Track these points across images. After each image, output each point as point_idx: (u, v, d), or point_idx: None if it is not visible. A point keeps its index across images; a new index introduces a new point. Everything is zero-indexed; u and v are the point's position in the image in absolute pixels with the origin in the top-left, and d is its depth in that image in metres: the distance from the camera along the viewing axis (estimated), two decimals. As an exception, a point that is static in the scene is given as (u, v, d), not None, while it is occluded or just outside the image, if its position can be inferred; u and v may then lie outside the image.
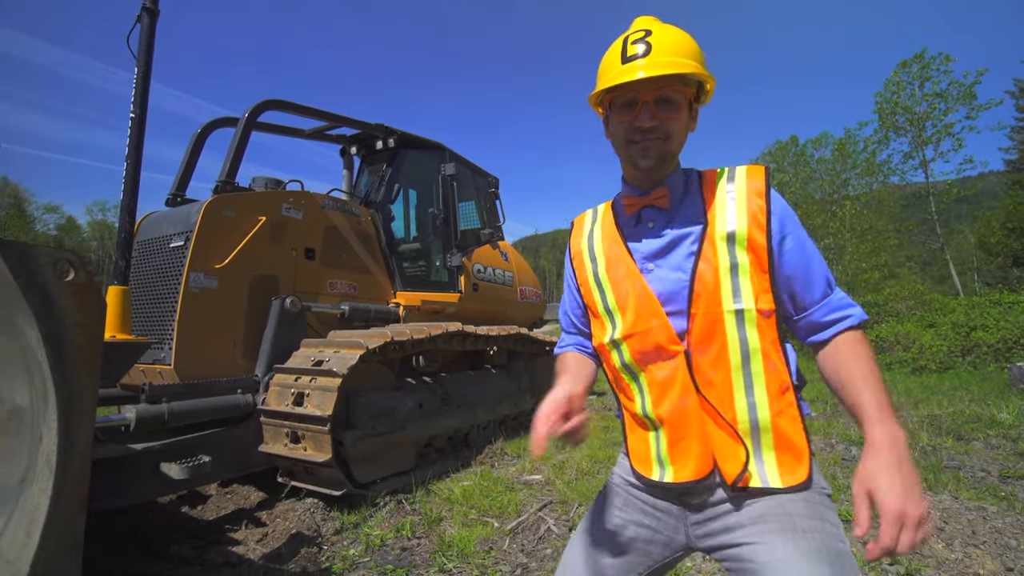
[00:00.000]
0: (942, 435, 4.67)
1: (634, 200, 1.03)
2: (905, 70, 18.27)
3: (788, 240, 0.96)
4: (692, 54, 0.95)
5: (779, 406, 0.92)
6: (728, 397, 0.93)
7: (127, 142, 2.30)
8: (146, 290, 3.28)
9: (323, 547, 2.65)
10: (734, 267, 0.93)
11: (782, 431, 0.92)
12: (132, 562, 2.49)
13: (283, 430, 3.05)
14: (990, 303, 12.44)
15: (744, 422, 0.92)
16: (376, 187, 4.92)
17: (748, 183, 0.97)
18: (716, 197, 0.98)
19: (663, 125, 0.95)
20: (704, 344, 0.94)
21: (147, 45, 2.43)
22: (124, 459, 2.50)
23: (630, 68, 0.93)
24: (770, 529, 0.87)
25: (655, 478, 0.99)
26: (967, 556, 2.37)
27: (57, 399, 1.13)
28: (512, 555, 2.53)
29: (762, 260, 0.93)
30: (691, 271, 0.95)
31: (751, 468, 0.91)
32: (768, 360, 0.93)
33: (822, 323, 0.96)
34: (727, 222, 0.95)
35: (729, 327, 0.92)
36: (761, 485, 0.90)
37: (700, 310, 0.94)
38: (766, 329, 0.93)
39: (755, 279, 0.93)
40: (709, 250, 0.95)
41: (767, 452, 0.92)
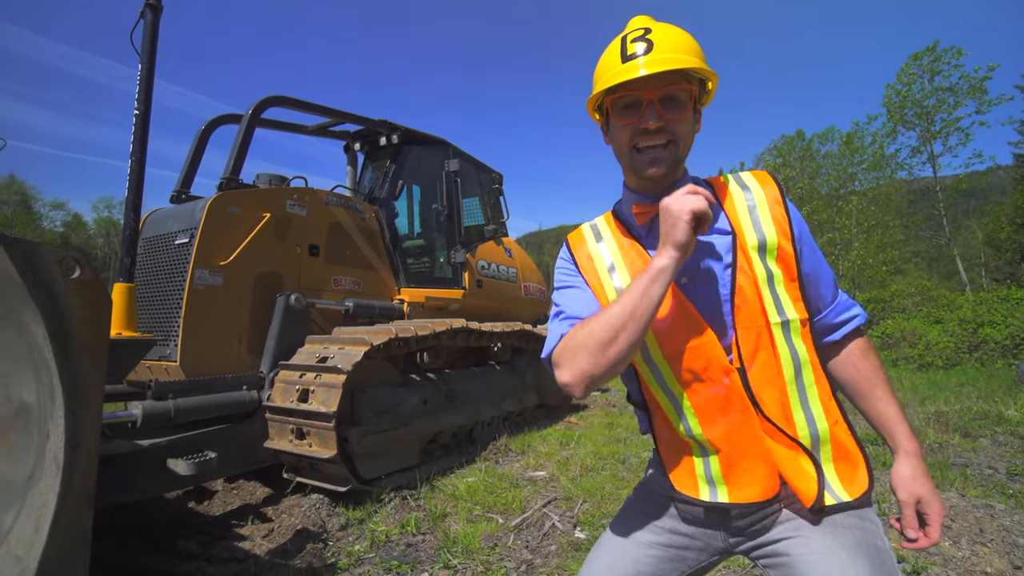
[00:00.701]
0: (949, 432, 4.64)
1: (646, 208, 0.96)
2: (917, 63, 18.08)
3: (808, 242, 0.96)
4: (693, 50, 0.91)
5: (834, 416, 0.90)
6: (787, 412, 0.89)
7: (131, 139, 2.30)
8: (151, 287, 3.29)
9: (328, 543, 2.67)
10: (770, 277, 0.91)
11: (839, 441, 0.89)
12: (139, 557, 2.51)
13: (288, 426, 3.07)
14: (998, 299, 12.33)
15: (805, 438, 0.88)
16: (380, 183, 4.92)
17: (765, 191, 0.95)
18: (736, 205, 0.95)
19: (670, 127, 0.90)
20: (752, 359, 0.90)
21: (151, 41, 2.43)
22: (131, 455, 2.51)
23: (631, 66, 0.88)
24: (806, 524, 0.88)
25: (705, 499, 0.93)
26: (974, 554, 2.36)
27: (64, 396, 1.14)
28: (517, 552, 2.53)
29: (791, 269, 0.92)
30: (730, 284, 0.90)
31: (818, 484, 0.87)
32: (816, 370, 0.91)
33: (834, 324, 0.98)
34: (756, 232, 0.92)
35: (778, 340, 0.89)
36: (834, 501, 0.87)
37: (743, 324, 0.90)
38: (809, 339, 0.92)
39: (788, 289, 0.91)
40: (744, 262, 0.91)
41: (827, 465, 0.89)
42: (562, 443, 4.58)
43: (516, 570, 2.36)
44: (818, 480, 0.86)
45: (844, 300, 0.99)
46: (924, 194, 19.63)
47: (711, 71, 0.92)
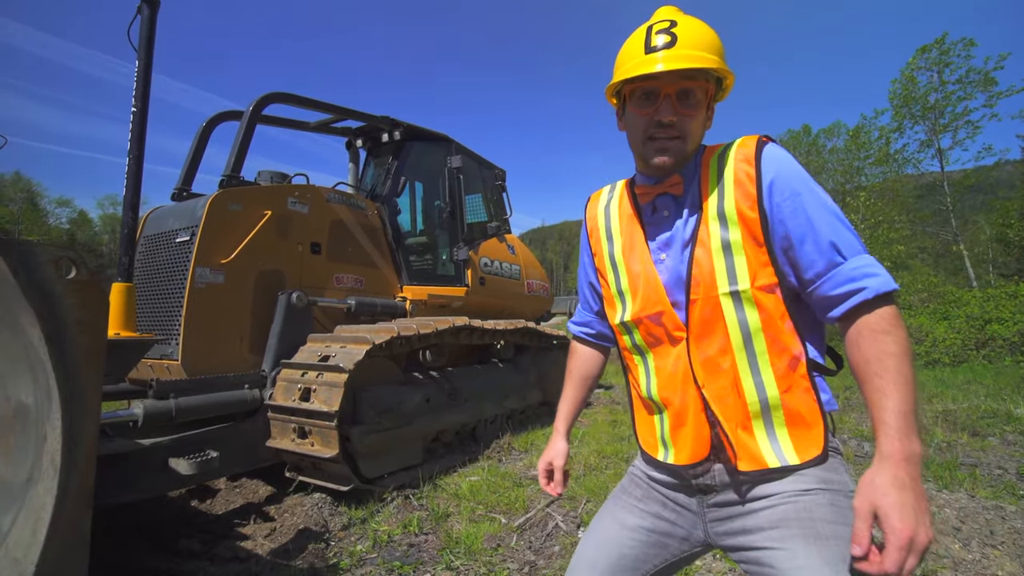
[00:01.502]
0: (957, 431, 4.59)
1: (648, 189, 1.02)
2: (924, 56, 17.84)
3: (786, 202, 0.87)
4: (715, 48, 0.93)
5: (787, 382, 0.89)
6: (736, 381, 0.91)
7: (129, 136, 2.27)
8: (152, 285, 3.28)
9: (330, 543, 2.65)
10: (726, 247, 0.90)
11: (792, 407, 0.89)
12: (140, 556, 2.50)
13: (290, 425, 3.05)
14: (1006, 295, 12.21)
15: (754, 403, 0.90)
16: (382, 180, 4.89)
17: (737, 152, 0.93)
18: (709, 177, 0.96)
19: (682, 122, 0.93)
20: (705, 331, 0.92)
21: (148, 37, 2.40)
22: (132, 454, 2.50)
23: (653, 59, 0.91)
24: (792, 535, 0.84)
25: (660, 458, 1.01)
26: (985, 557, 2.32)
27: (60, 398, 1.12)
28: (520, 552, 2.51)
29: (755, 232, 0.89)
30: (688, 258, 0.94)
31: (763, 446, 0.89)
32: (771, 337, 0.89)
33: (832, 297, 0.85)
34: (717, 201, 0.92)
35: (727, 310, 0.90)
36: (779, 463, 0.88)
37: (700, 296, 0.92)
38: (769, 305, 0.89)
39: (751, 255, 0.89)
40: (704, 233, 0.93)
41: (779, 429, 0.90)
42: (566, 441, 4.55)
43: (519, 572, 2.34)
44: (758, 445, 0.89)
45: (850, 269, 0.83)
46: (931, 189, 19.43)
47: (729, 71, 0.94)
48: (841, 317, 0.85)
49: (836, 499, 0.86)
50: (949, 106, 17.40)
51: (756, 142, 0.93)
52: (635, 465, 1.13)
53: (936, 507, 2.82)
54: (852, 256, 0.85)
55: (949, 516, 2.70)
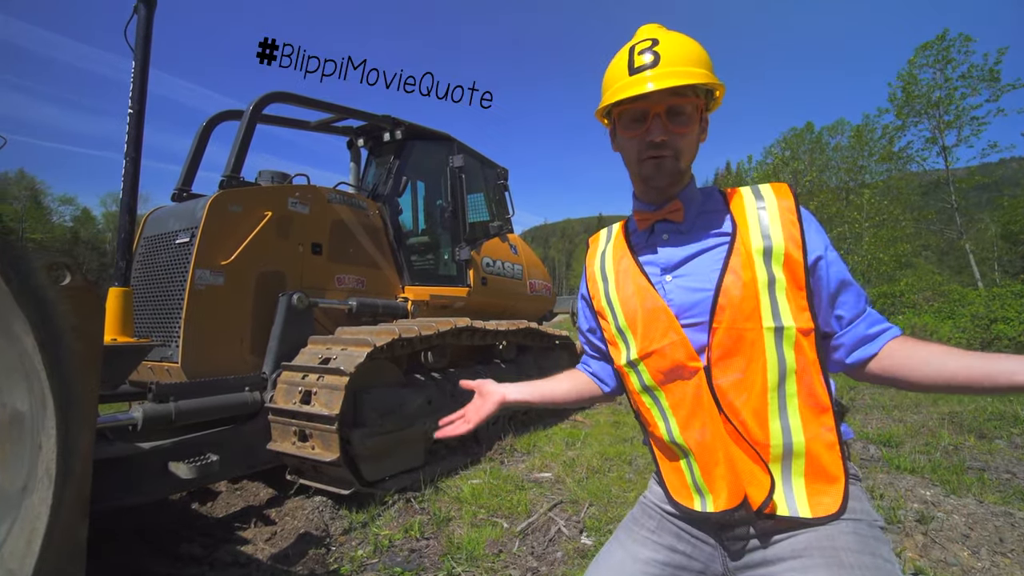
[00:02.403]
0: (964, 433, 4.54)
1: (647, 215, 1.01)
2: (925, 53, 17.69)
3: (828, 253, 0.91)
4: (701, 61, 0.92)
5: (814, 430, 0.86)
6: (762, 418, 0.87)
7: (126, 138, 2.24)
8: (152, 287, 3.25)
9: (331, 547, 2.63)
10: (772, 282, 0.88)
11: (815, 456, 0.86)
12: (141, 560, 2.49)
13: (291, 428, 3.03)
14: (1012, 294, 12.09)
15: (777, 446, 0.87)
16: (384, 180, 4.85)
17: (779, 201, 0.93)
18: (746, 211, 0.94)
19: (673, 141, 0.92)
20: (727, 360, 0.89)
21: (144, 37, 2.36)
22: (132, 458, 2.49)
23: (639, 80, 0.90)
24: (814, 564, 0.81)
25: (697, 508, 0.94)
26: (994, 565, 2.29)
27: (55, 406, 1.09)
28: (522, 558, 2.49)
29: (799, 278, 0.88)
30: (716, 284, 0.90)
31: (777, 496, 0.87)
32: (804, 382, 0.87)
33: (869, 335, 0.91)
34: (762, 236, 0.90)
35: (768, 345, 0.87)
36: (788, 514, 0.85)
37: (723, 324, 0.89)
38: (806, 349, 0.87)
39: (792, 297, 0.88)
40: (738, 263, 0.90)
41: (796, 478, 0.87)
42: (568, 443, 4.52)
43: (521, 578, 2.31)
44: (769, 490, 0.86)
45: (876, 313, 0.93)
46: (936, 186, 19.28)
47: (718, 82, 0.93)
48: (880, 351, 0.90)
49: (859, 528, 0.84)
50: (953, 103, 17.25)
51: (793, 196, 0.94)
52: (647, 495, 1.09)
53: (943, 513, 2.78)
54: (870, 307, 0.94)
55: (957, 522, 2.66)
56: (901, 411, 5.62)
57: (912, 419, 5.17)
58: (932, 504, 2.92)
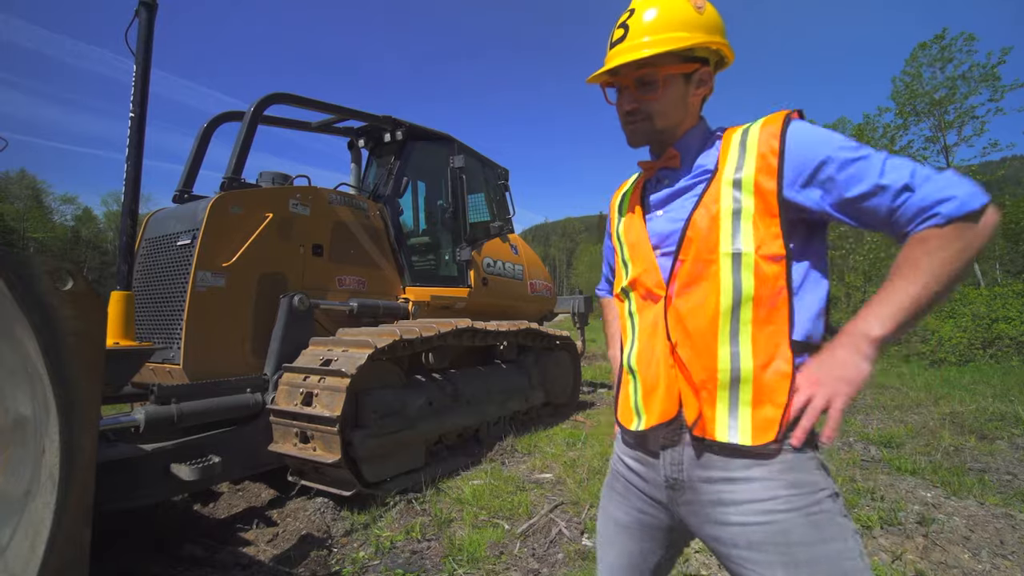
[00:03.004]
0: (965, 434, 4.54)
1: (650, 164, 1.08)
2: (924, 52, 17.62)
3: (829, 164, 0.83)
4: (675, 24, 0.94)
5: (765, 359, 0.85)
6: (712, 344, 0.88)
7: (127, 142, 2.25)
8: (154, 289, 3.26)
9: (333, 549, 2.64)
10: (736, 211, 0.89)
11: (763, 385, 0.85)
12: (143, 562, 2.50)
13: (292, 430, 3.04)
14: (1013, 294, 12.08)
15: (725, 371, 0.87)
16: (384, 180, 4.86)
17: (764, 129, 0.92)
18: (730, 147, 0.95)
19: (644, 106, 0.99)
20: (687, 289, 0.93)
21: (146, 41, 2.37)
22: (135, 460, 2.50)
23: (610, 56, 1.00)
24: (768, 560, 0.82)
25: (632, 427, 1.00)
26: (995, 567, 2.29)
27: (58, 411, 1.10)
28: (523, 560, 2.49)
29: (770, 204, 0.87)
30: (687, 216, 0.94)
31: (719, 420, 0.87)
32: (761, 308, 0.86)
33: (907, 227, 0.81)
34: (735, 168, 0.92)
35: (723, 270, 0.88)
36: (727, 439, 0.85)
37: (689, 255, 0.93)
38: (769, 277, 0.86)
39: (760, 224, 0.87)
40: (711, 196, 0.93)
41: (743, 407, 0.86)
42: (569, 443, 4.53)
43: (522, 580, 2.32)
44: (715, 414, 0.87)
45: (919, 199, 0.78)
46: (938, 185, 19.22)
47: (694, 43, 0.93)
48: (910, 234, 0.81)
49: (810, 508, 0.82)
50: (953, 103, 17.19)
51: (784, 117, 0.91)
52: (615, 453, 1.13)
53: (944, 515, 2.78)
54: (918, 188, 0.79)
55: (958, 524, 2.66)
56: (902, 411, 5.62)
57: (913, 419, 5.17)
58: (933, 506, 2.92)
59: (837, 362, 0.81)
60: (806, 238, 0.91)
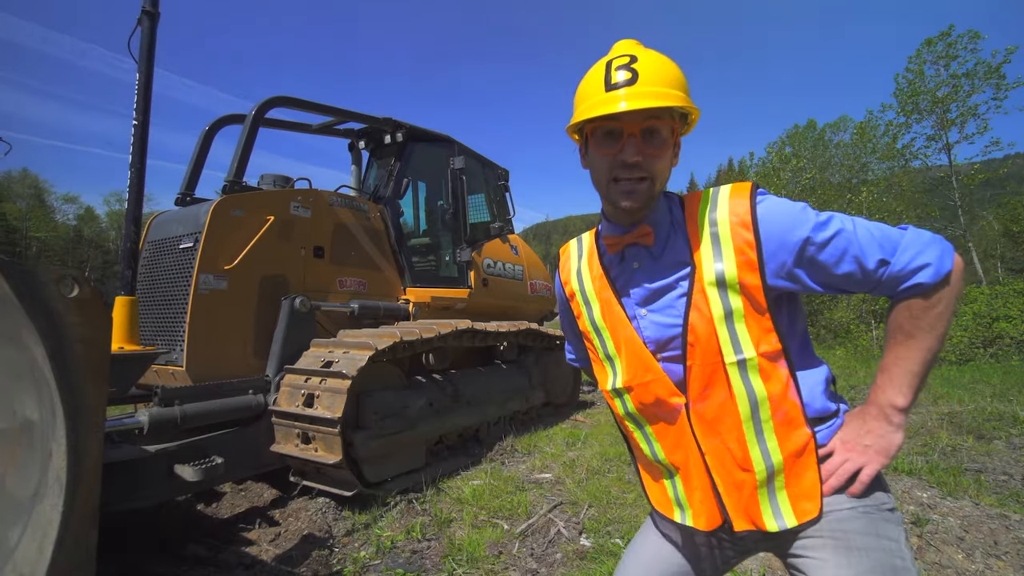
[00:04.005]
0: (963, 434, 4.56)
1: (616, 239, 0.98)
2: (929, 49, 17.56)
3: (808, 247, 0.85)
4: (679, 84, 0.89)
5: (790, 447, 0.90)
6: (742, 447, 0.90)
7: (130, 149, 2.27)
8: (157, 291, 3.29)
9: (334, 549, 2.68)
10: (728, 314, 0.87)
11: (793, 469, 0.90)
12: (148, 562, 2.53)
13: (294, 431, 3.07)
14: (1014, 293, 12.08)
15: (761, 471, 0.90)
16: (385, 182, 4.88)
17: (731, 215, 0.89)
18: (701, 235, 0.91)
19: (648, 163, 0.88)
20: (704, 394, 0.91)
21: (148, 49, 2.39)
22: (138, 462, 2.53)
23: (615, 97, 0.86)
24: (824, 544, 0.87)
25: (677, 520, 1.00)
26: (988, 568, 2.31)
27: (65, 415, 1.13)
28: (522, 560, 2.52)
29: (758, 301, 0.87)
30: (683, 320, 0.91)
31: (764, 512, 0.91)
32: (776, 405, 0.89)
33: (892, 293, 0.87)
34: (714, 265, 0.88)
35: (734, 378, 0.88)
36: (777, 528, 0.90)
37: (696, 361, 0.90)
38: (772, 372, 0.88)
39: (752, 323, 0.87)
40: (700, 298, 0.89)
41: (781, 493, 0.91)
42: (568, 443, 4.56)
43: (521, 579, 2.35)
44: (760, 511, 0.90)
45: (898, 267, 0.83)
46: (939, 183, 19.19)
47: (694, 107, 0.90)
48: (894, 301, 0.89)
49: (868, 510, 0.88)
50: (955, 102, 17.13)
51: (750, 202, 0.88)
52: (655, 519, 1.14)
53: (939, 515, 2.81)
54: (896, 255, 0.83)
55: (953, 525, 2.68)
56: (901, 411, 5.64)
57: (911, 419, 5.19)
58: (928, 506, 2.95)
59: (872, 433, 0.88)
60: (789, 312, 0.94)
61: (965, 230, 18.57)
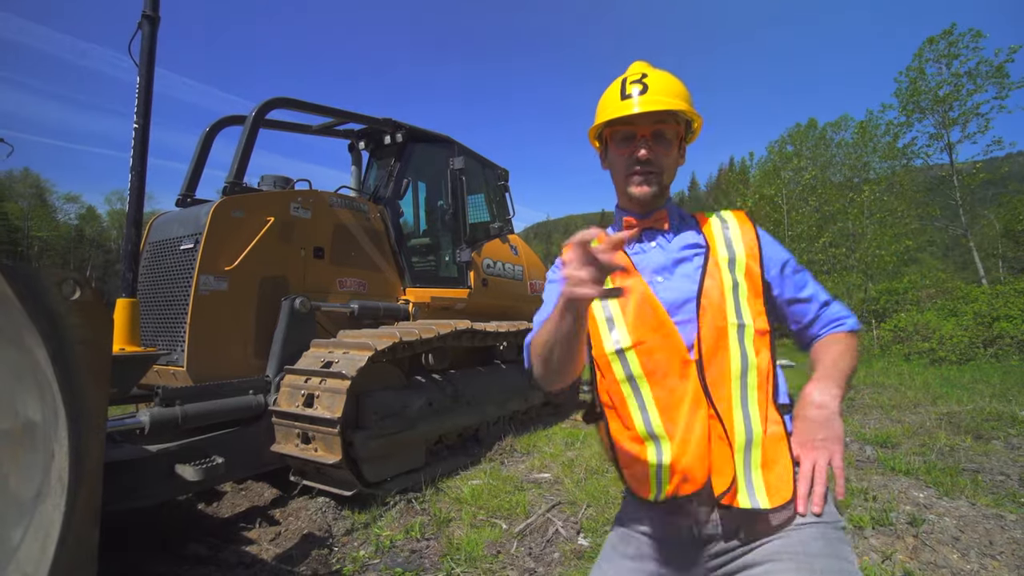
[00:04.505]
0: (961, 434, 4.57)
1: (634, 222, 1.13)
2: (931, 47, 17.53)
3: (788, 266, 1.09)
4: (683, 95, 1.07)
5: (766, 423, 0.96)
6: (729, 409, 0.96)
7: (131, 153, 2.29)
8: (157, 292, 3.32)
9: (334, 548, 2.70)
10: (735, 286, 1.03)
11: (768, 449, 0.95)
12: (149, 561, 2.56)
13: (294, 431, 3.09)
14: (1015, 292, 12.06)
15: (740, 435, 0.95)
16: (385, 182, 4.90)
17: (741, 226, 1.11)
18: (713, 231, 1.12)
19: (657, 159, 1.06)
20: (712, 355, 0.98)
21: (148, 53, 2.41)
22: (140, 461, 2.55)
23: (629, 104, 1.05)
24: (785, 568, 0.88)
25: (651, 498, 0.98)
26: (983, 567, 2.33)
27: (67, 416, 1.15)
28: (520, 559, 2.54)
29: (756, 287, 1.04)
30: (699, 284, 1.03)
31: (739, 486, 0.94)
32: (761, 375, 0.98)
33: (821, 328, 1.10)
34: (727, 248, 1.07)
35: (732, 340, 0.99)
36: (750, 506, 0.92)
37: (707, 322, 1.00)
38: (761, 347, 1.00)
39: (751, 302, 1.03)
40: (714, 269, 1.04)
41: (755, 470, 0.94)
42: (567, 443, 4.58)
43: (519, 579, 2.37)
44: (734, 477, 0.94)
45: (835, 311, 1.10)
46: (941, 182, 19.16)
47: (697, 114, 1.09)
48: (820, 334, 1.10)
49: (827, 532, 0.92)
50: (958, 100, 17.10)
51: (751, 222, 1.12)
52: (622, 517, 1.11)
53: (935, 515, 2.82)
54: (832, 302, 1.11)
55: (948, 525, 2.70)
56: (900, 411, 5.65)
57: (910, 419, 5.21)
58: (924, 506, 2.96)
59: (821, 426, 0.94)
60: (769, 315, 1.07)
61: (966, 229, 18.54)
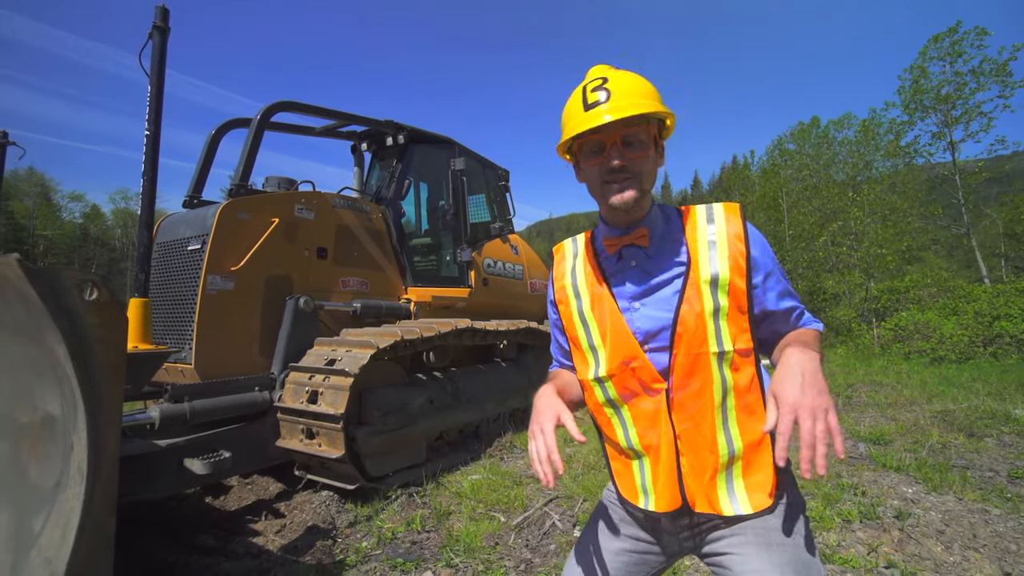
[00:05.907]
0: (954, 431, 4.63)
1: (614, 240, 1.07)
2: (936, 45, 17.48)
3: (771, 278, 1.04)
4: (649, 94, 0.99)
5: (750, 436, 1.00)
6: (711, 431, 1.00)
7: (143, 159, 2.38)
8: (166, 292, 3.41)
9: (337, 540, 2.79)
10: (716, 311, 0.98)
11: (751, 459, 1.00)
12: (159, 551, 2.65)
13: (299, 426, 3.19)
14: (1016, 292, 12.05)
15: (724, 455, 1.00)
16: (387, 183, 4.98)
17: (728, 227, 1.02)
18: (698, 239, 1.03)
19: (632, 165, 0.99)
20: (685, 380, 1.00)
21: (159, 63, 2.49)
22: (150, 455, 2.65)
23: (594, 114, 0.97)
24: (747, 542, 0.98)
25: (640, 505, 1.07)
26: (965, 559, 2.40)
27: (85, 410, 1.23)
28: (517, 551, 2.63)
29: (742, 303, 0.99)
30: (674, 312, 1.00)
31: (721, 497, 1.00)
32: (741, 396, 1.00)
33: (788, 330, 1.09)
34: (710, 266, 1.00)
35: (713, 367, 0.99)
36: (733, 512, 0.99)
37: (681, 351, 0.99)
38: (743, 367, 0.99)
39: (733, 321, 0.99)
40: (692, 293, 0.99)
41: (738, 480, 1.00)
42: (566, 439, 4.66)
43: (515, 569, 2.46)
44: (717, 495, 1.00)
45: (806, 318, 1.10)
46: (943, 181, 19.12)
47: (668, 111, 1.01)
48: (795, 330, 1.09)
49: (790, 513, 1.00)
50: (961, 99, 17.05)
51: (741, 218, 1.03)
52: (607, 494, 1.20)
53: (922, 510, 2.90)
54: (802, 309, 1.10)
55: (934, 519, 2.77)
56: (895, 409, 5.71)
57: (905, 417, 5.27)
58: (912, 501, 3.03)
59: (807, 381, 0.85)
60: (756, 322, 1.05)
61: (969, 228, 18.51)
